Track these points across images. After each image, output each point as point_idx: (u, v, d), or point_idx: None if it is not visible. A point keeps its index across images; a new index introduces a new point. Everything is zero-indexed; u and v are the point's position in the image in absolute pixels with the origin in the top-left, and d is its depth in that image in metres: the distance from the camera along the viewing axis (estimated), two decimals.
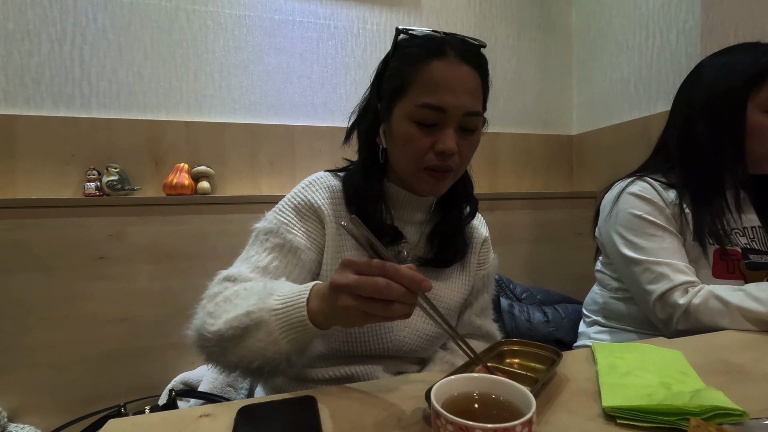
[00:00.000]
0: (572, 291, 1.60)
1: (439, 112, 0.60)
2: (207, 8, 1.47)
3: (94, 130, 1.35)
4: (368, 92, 0.71)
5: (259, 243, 0.66)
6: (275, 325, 0.49)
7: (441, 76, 0.60)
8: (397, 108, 0.63)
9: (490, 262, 0.83)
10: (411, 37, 0.64)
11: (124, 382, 1.27)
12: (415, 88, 0.61)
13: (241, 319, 0.51)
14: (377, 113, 0.67)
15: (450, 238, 0.73)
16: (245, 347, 0.51)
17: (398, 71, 0.63)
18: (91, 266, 1.26)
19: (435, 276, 0.73)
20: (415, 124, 0.62)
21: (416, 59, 0.61)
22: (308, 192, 0.69)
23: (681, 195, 0.86)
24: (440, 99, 0.60)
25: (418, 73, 0.61)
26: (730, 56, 0.88)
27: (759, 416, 0.42)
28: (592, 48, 1.82)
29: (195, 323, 0.56)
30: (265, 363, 0.51)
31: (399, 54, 0.65)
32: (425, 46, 0.62)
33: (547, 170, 1.91)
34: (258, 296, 0.53)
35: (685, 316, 0.76)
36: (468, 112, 0.62)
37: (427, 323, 0.71)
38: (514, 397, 0.36)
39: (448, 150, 0.61)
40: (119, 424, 0.45)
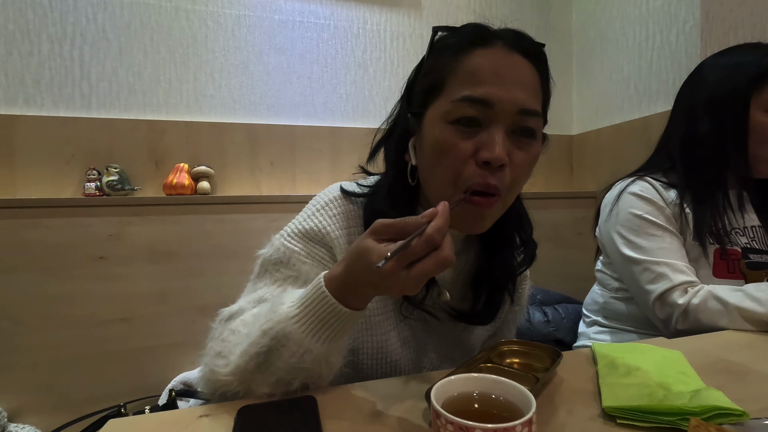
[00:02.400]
0: (572, 291, 1.60)
1: (483, 106, 0.46)
2: (207, 8, 1.47)
3: (94, 130, 1.35)
4: (398, 104, 0.58)
5: (268, 275, 0.56)
6: (302, 332, 0.43)
7: (487, 65, 0.47)
8: (429, 110, 0.51)
9: (524, 296, 0.71)
10: (451, 32, 0.53)
11: (124, 382, 1.27)
12: (453, 82, 0.48)
13: (259, 342, 0.44)
14: (407, 125, 0.54)
15: (496, 292, 0.60)
16: (276, 370, 0.44)
17: (432, 68, 0.52)
18: (91, 266, 1.26)
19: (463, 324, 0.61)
20: (453, 126, 0.48)
21: (453, 50, 0.50)
22: (321, 219, 0.57)
23: (682, 194, 0.86)
24: (485, 91, 0.46)
25: (457, 65, 0.49)
26: (732, 57, 0.88)
27: (759, 416, 0.42)
28: (592, 48, 1.82)
29: (204, 374, 0.49)
30: (306, 377, 0.45)
31: (436, 51, 0.53)
32: (466, 35, 0.51)
33: (547, 170, 1.91)
34: (267, 314, 0.46)
35: (684, 316, 0.76)
36: (523, 109, 0.47)
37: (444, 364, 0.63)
38: (514, 397, 0.36)
39: (495, 159, 0.45)
40: (119, 424, 0.45)
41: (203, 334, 0.60)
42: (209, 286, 1.35)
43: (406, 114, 0.55)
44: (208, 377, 0.48)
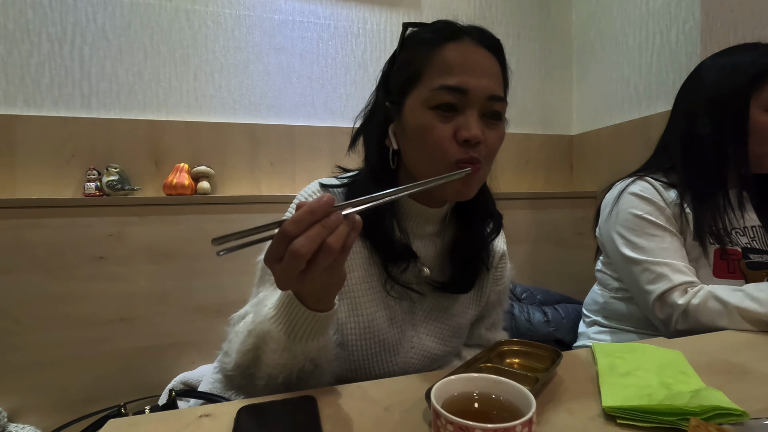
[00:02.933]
0: (572, 291, 1.60)
1: (459, 94, 0.53)
2: (207, 8, 1.47)
3: (94, 130, 1.35)
4: (374, 94, 0.64)
5: (262, 279, 0.61)
6: (279, 331, 0.47)
7: (459, 57, 0.54)
8: (409, 99, 0.56)
9: (506, 276, 0.75)
10: (422, 28, 0.60)
11: (124, 382, 1.27)
12: (430, 73, 0.55)
13: (246, 341, 0.49)
14: (386, 113, 0.60)
15: (471, 260, 0.65)
16: (265, 365, 0.49)
17: (409, 61, 0.58)
18: (91, 266, 1.26)
19: (450, 297, 0.67)
20: (433, 111, 0.54)
21: (429, 44, 0.56)
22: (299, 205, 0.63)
23: (682, 194, 0.86)
24: (460, 80, 0.53)
25: (432, 57, 0.55)
26: (732, 57, 0.88)
27: (759, 416, 0.42)
28: (592, 48, 1.82)
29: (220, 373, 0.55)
30: (289, 372, 0.49)
31: (409, 45, 0.59)
32: (439, 31, 0.57)
33: (547, 170, 1.91)
34: (253, 315, 0.51)
35: (684, 316, 0.76)
36: (492, 95, 0.54)
37: (434, 343, 0.66)
38: (514, 397, 0.36)
39: (473, 137, 0.52)
40: (119, 424, 0.45)
41: (203, 334, 0.62)
42: (209, 286, 1.35)
43: (384, 103, 0.60)
44: (222, 374, 0.54)
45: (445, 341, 0.67)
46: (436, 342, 0.66)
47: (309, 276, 0.39)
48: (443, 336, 0.67)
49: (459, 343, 0.71)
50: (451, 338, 0.68)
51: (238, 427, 0.43)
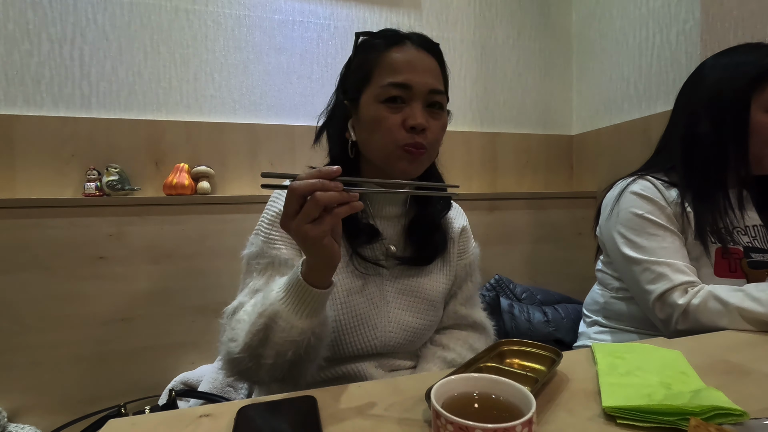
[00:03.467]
0: (572, 291, 1.60)
1: (404, 89, 0.63)
2: (207, 8, 1.47)
3: (94, 130, 1.35)
4: (334, 94, 0.74)
5: (253, 269, 0.67)
6: (288, 310, 0.53)
7: (402, 59, 0.64)
8: (363, 96, 0.66)
9: (471, 251, 0.82)
10: (371, 36, 0.70)
11: (124, 382, 1.27)
12: (378, 73, 0.65)
13: (257, 322, 0.54)
14: (345, 110, 0.70)
15: (428, 233, 0.74)
16: (274, 344, 0.54)
17: (360, 64, 0.68)
18: (91, 266, 1.26)
19: (418, 271, 0.74)
20: (383, 105, 0.64)
21: (377, 49, 0.66)
22: (277, 205, 0.70)
23: (683, 194, 0.86)
24: (404, 77, 0.63)
25: (380, 60, 0.65)
26: (733, 57, 0.88)
27: (759, 416, 0.42)
28: (592, 48, 1.82)
29: (223, 357, 0.59)
30: (297, 347, 0.55)
31: (361, 51, 0.69)
32: (384, 37, 0.67)
33: (547, 170, 1.91)
34: (262, 300, 0.57)
35: (684, 316, 0.76)
36: (432, 89, 0.65)
37: (411, 317, 0.72)
38: (514, 397, 0.36)
39: (418, 125, 0.62)
40: (119, 424, 0.45)
41: (203, 334, 0.65)
42: (209, 286, 1.35)
43: (343, 102, 0.70)
44: (226, 359, 0.58)
45: (420, 314, 0.72)
46: (411, 315, 0.72)
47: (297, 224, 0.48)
48: (418, 309, 0.72)
49: (435, 316, 0.75)
50: (426, 311, 0.73)
51: (238, 427, 0.43)
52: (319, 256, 0.51)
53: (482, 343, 0.79)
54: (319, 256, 0.51)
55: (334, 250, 0.51)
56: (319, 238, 0.48)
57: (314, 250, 0.50)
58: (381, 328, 0.69)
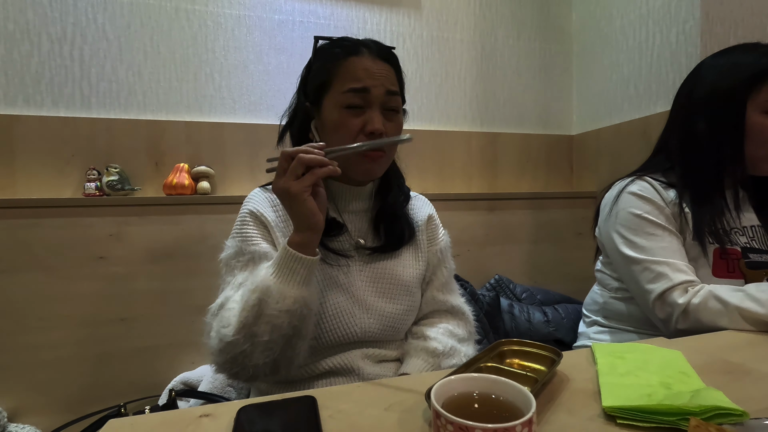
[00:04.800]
0: (572, 291, 1.60)
1: (363, 93, 0.68)
2: (207, 8, 1.47)
3: (94, 130, 1.35)
4: (295, 96, 0.78)
5: (231, 268, 0.70)
6: (280, 281, 0.58)
7: (360, 67, 0.69)
8: (325, 101, 0.70)
9: (441, 238, 0.85)
10: (330, 43, 0.74)
11: (124, 382, 1.27)
12: (338, 80, 0.69)
13: (250, 298, 0.58)
14: (307, 112, 0.73)
15: (392, 222, 0.78)
16: (269, 318, 0.57)
17: (321, 70, 0.72)
18: (91, 266, 1.26)
19: (389, 259, 0.77)
20: (345, 110, 0.68)
21: (336, 57, 0.70)
22: (248, 205, 0.75)
23: (681, 194, 0.86)
24: (362, 84, 0.68)
25: (339, 68, 0.69)
26: (730, 57, 0.88)
27: (759, 416, 0.42)
28: (592, 48, 1.82)
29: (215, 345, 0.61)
30: (291, 317, 0.58)
31: (320, 56, 0.74)
32: (343, 46, 0.71)
33: (547, 170, 1.91)
34: (251, 279, 0.61)
35: (684, 315, 0.76)
36: (389, 91, 0.69)
37: (386, 303, 0.74)
38: (514, 397, 0.36)
39: (377, 130, 0.67)
40: (119, 424, 0.45)
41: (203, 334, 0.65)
42: (209, 286, 1.33)
43: (304, 104, 0.74)
44: (218, 347, 0.60)
45: (395, 300, 0.75)
46: (386, 301, 0.74)
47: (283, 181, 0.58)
48: (392, 295, 0.75)
49: (412, 302, 0.78)
50: (401, 296, 0.76)
51: (238, 427, 0.43)
52: (301, 213, 0.58)
53: (462, 329, 0.81)
54: (300, 213, 0.58)
55: (314, 208, 0.58)
56: (300, 192, 0.56)
57: (296, 205, 0.58)
58: (359, 316, 0.72)
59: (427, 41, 1.74)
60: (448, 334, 0.78)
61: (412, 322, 0.81)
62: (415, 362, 0.73)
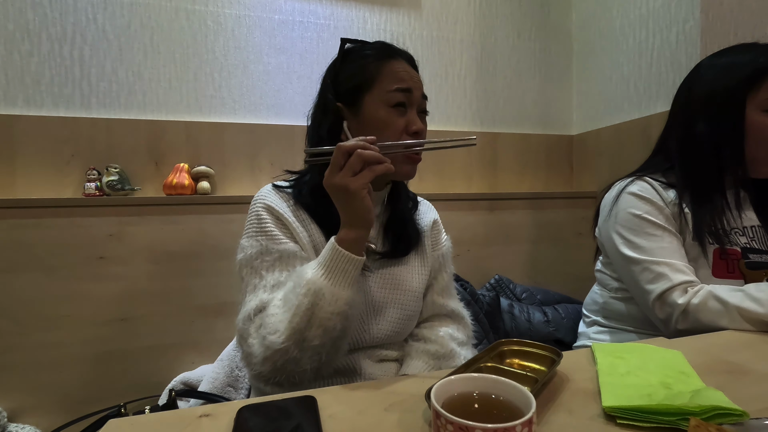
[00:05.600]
0: (572, 291, 1.60)
1: (407, 93, 0.70)
2: (207, 8, 1.47)
3: (94, 130, 1.35)
4: (321, 96, 0.76)
5: (256, 269, 0.66)
6: (331, 284, 0.57)
7: (401, 69, 0.71)
8: (366, 100, 0.70)
9: (444, 243, 0.87)
10: (363, 45, 0.75)
11: (124, 382, 1.27)
12: (382, 79, 0.70)
13: (302, 303, 0.56)
14: (338, 113, 0.72)
15: (402, 227, 0.79)
16: (321, 321, 0.56)
17: (359, 70, 0.71)
18: (91, 266, 1.26)
19: (396, 264, 0.78)
20: (391, 108, 0.69)
21: (377, 58, 0.71)
22: (265, 200, 0.72)
23: (681, 194, 0.86)
24: (405, 83, 0.70)
25: (380, 68, 0.70)
26: (729, 57, 0.88)
27: (759, 416, 0.42)
28: (592, 48, 1.82)
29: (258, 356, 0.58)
30: (343, 319, 0.57)
31: (354, 57, 0.73)
32: (382, 49, 0.73)
33: (547, 170, 1.91)
34: (296, 286, 0.58)
35: (684, 315, 0.76)
36: (424, 94, 0.73)
37: (395, 309, 0.75)
38: (514, 397, 0.36)
39: (420, 129, 0.70)
40: (119, 424, 0.45)
41: (203, 334, 0.64)
42: (209, 286, 1.35)
43: (334, 105, 0.72)
44: (264, 355, 0.58)
45: (403, 306, 0.76)
46: (395, 308, 0.75)
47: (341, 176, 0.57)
48: (401, 301, 0.76)
49: (417, 307, 0.79)
50: (408, 302, 0.76)
51: (238, 427, 0.43)
52: (358, 210, 0.57)
53: (461, 333, 0.82)
54: (357, 210, 0.57)
55: (370, 206, 0.58)
56: (360, 188, 0.56)
57: (354, 202, 0.57)
58: (368, 323, 0.72)
59: (427, 41, 1.74)
60: (448, 337, 0.79)
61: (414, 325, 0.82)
62: (416, 364, 0.74)
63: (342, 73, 0.73)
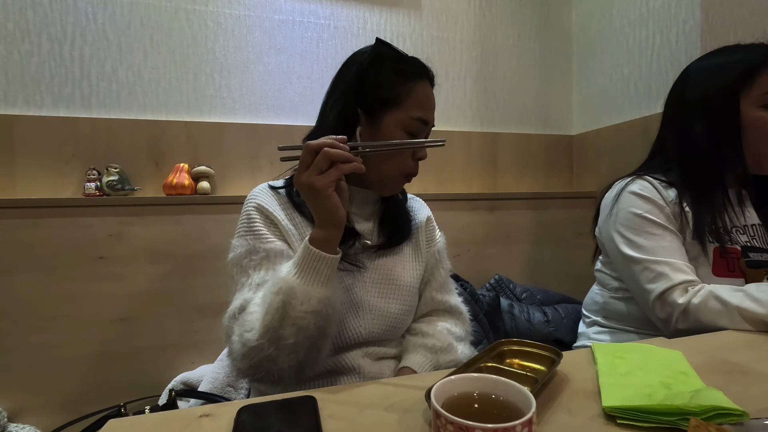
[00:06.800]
0: (572, 291, 1.60)
1: (424, 125, 0.72)
2: (207, 8, 1.47)
3: (94, 130, 1.35)
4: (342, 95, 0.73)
5: (244, 268, 0.67)
6: (303, 282, 0.56)
7: (426, 95, 0.72)
8: (387, 117, 0.70)
9: (438, 239, 0.88)
10: (396, 57, 0.73)
11: (124, 382, 1.27)
12: (408, 103, 0.70)
13: (274, 301, 0.56)
14: (356, 117, 0.71)
15: (395, 220, 0.81)
16: (294, 319, 0.56)
17: (390, 85, 0.71)
18: (91, 266, 1.26)
19: (391, 259, 0.79)
20: (406, 134, 0.71)
21: (408, 78, 0.71)
22: (256, 200, 0.73)
23: (681, 194, 0.86)
24: (427, 115, 0.72)
25: (410, 90, 0.70)
26: (717, 58, 0.90)
27: (759, 416, 0.42)
28: (592, 48, 1.82)
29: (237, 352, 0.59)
30: (317, 318, 0.57)
31: (387, 68, 0.72)
32: (414, 67, 0.73)
33: (547, 170, 1.91)
34: (273, 281, 0.59)
35: (684, 315, 0.76)
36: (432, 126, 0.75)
37: (389, 304, 0.75)
38: (514, 397, 0.36)
39: (424, 157, 0.74)
40: (119, 424, 0.45)
41: (203, 334, 0.64)
42: (209, 286, 1.35)
43: (354, 110, 0.71)
44: (242, 352, 0.58)
45: (398, 300, 0.76)
46: (390, 302, 0.75)
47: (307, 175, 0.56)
48: (395, 296, 0.76)
49: (412, 302, 0.79)
50: (403, 297, 0.77)
51: (238, 427, 0.43)
52: (324, 209, 0.57)
53: (459, 328, 0.83)
54: (324, 209, 0.57)
55: (338, 204, 0.57)
56: (325, 187, 0.55)
57: (320, 201, 0.56)
58: (363, 317, 0.72)
59: (427, 41, 1.74)
60: (446, 332, 0.80)
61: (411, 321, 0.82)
62: (414, 357, 0.74)
63: (370, 78, 0.71)
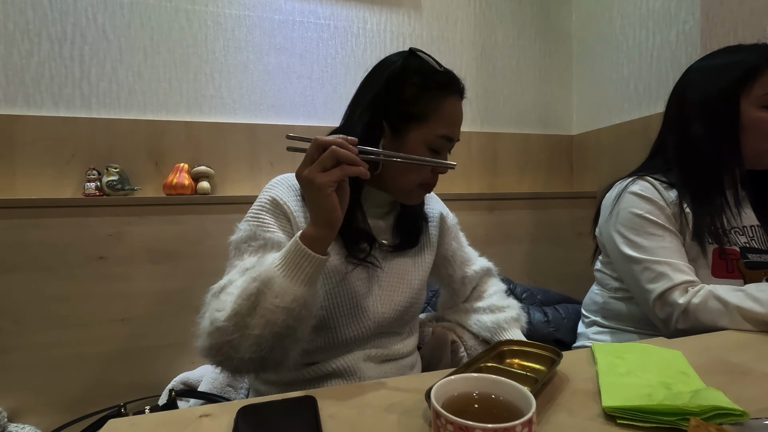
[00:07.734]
0: (572, 291, 1.60)
1: (449, 143, 0.71)
2: (207, 8, 1.47)
3: (94, 130, 1.35)
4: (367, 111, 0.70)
5: (240, 252, 0.67)
6: (284, 275, 0.55)
7: (454, 112, 0.71)
8: (412, 132, 0.69)
9: (451, 226, 0.91)
10: (426, 68, 0.70)
11: (124, 382, 1.27)
12: (435, 120, 0.68)
13: (249, 287, 0.54)
14: (381, 129, 0.69)
15: (413, 222, 0.81)
16: (265, 311, 0.54)
17: (416, 101, 0.68)
18: (91, 266, 1.26)
19: (403, 259, 0.79)
20: (429, 150, 0.70)
21: (437, 94, 0.69)
22: (271, 191, 0.72)
23: (681, 195, 0.87)
24: (453, 133, 0.71)
25: (438, 107, 0.68)
26: (717, 59, 0.90)
27: (759, 416, 0.42)
28: (592, 48, 1.82)
29: (203, 329, 0.58)
30: (288, 315, 0.54)
31: (415, 84, 0.69)
32: (443, 81, 0.70)
33: (547, 170, 1.91)
34: (256, 267, 0.58)
35: (685, 315, 0.76)
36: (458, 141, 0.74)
37: (398, 294, 0.76)
38: (514, 397, 0.36)
39: (444, 172, 0.73)
40: (119, 424, 0.45)
41: None
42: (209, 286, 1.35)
43: (381, 122, 0.69)
44: (208, 329, 0.57)
45: (406, 292, 0.78)
46: (399, 293, 0.77)
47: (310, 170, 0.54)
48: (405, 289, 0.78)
49: (420, 294, 0.82)
50: (412, 289, 0.79)
51: (238, 427, 0.43)
52: (321, 207, 0.55)
53: (500, 283, 0.94)
54: (321, 207, 0.55)
55: (336, 204, 0.55)
56: (326, 185, 0.53)
57: (318, 198, 0.55)
58: (372, 309, 0.73)
59: (427, 41, 1.74)
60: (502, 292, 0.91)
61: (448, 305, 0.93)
62: (479, 318, 0.85)
63: (396, 92, 0.69)
